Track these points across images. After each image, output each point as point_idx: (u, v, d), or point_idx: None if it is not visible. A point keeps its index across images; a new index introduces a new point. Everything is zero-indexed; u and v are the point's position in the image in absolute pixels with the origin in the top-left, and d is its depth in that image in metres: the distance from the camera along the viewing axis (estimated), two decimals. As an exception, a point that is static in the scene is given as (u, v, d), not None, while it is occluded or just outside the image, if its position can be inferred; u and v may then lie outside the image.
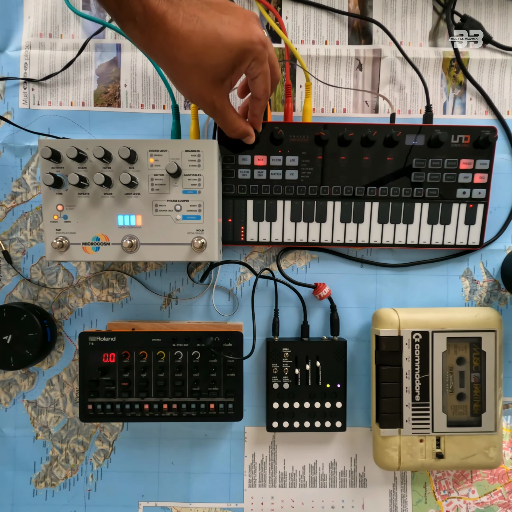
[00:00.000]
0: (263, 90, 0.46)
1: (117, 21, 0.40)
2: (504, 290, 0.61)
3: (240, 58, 0.41)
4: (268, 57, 0.44)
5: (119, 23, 0.40)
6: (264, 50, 0.42)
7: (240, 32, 0.40)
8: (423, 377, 0.56)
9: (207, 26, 0.39)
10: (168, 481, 0.61)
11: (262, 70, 0.44)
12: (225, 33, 0.40)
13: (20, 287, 0.60)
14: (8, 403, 0.61)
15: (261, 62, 0.43)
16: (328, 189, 0.57)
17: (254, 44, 0.41)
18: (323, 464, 0.61)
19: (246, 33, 0.40)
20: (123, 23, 0.39)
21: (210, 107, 0.45)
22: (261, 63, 0.43)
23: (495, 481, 0.61)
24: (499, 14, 0.61)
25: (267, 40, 0.43)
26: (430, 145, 0.56)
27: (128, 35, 0.40)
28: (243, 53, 0.41)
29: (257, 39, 0.41)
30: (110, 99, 0.60)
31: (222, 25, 0.40)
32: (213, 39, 0.40)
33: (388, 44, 0.60)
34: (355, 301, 0.61)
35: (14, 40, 0.60)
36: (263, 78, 0.45)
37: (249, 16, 0.42)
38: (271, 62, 0.45)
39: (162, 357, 0.55)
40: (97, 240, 0.50)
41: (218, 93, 0.44)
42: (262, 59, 0.43)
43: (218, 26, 0.40)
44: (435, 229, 0.58)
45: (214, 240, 0.50)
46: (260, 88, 0.46)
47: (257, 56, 0.42)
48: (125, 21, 0.39)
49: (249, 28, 0.41)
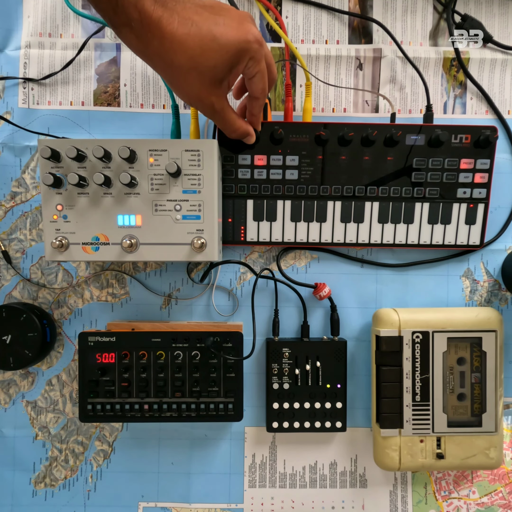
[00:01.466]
0: (261, 89, 0.46)
1: (113, 27, 0.39)
2: (504, 290, 0.61)
3: (237, 58, 0.41)
4: (264, 56, 0.44)
5: (114, 29, 0.39)
6: (260, 49, 0.42)
7: (235, 32, 0.40)
8: (424, 377, 0.56)
9: (202, 29, 0.39)
10: (168, 482, 0.61)
11: (259, 69, 0.44)
12: (220, 34, 0.40)
13: (20, 287, 0.60)
14: (8, 403, 0.60)
15: (258, 61, 0.43)
16: (328, 189, 0.57)
17: (250, 43, 0.41)
18: (323, 464, 0.61)
19: (242, 33, 0.40)
20: (118, 28, 0.39)
21: (209, 109, 0.45)
22: (258, 62, 0.43)
23: (495, 481, 0.61)
24: (500, 14, 0.61)
25: (263, 39, 0.43)
26: (431, 144, 0.56)
27: (124, 41, 0.40)
28: (239, 52, 0.41)
29: (252, 38, 0.41)
30: (110, 99, 0.60)
31: (217, 27, 0.40)
32: (209, 41, 0.40)
33: (388, 43, 0.60)
34: (355, 301, 0.61)
35: (14, 40, 0.59)
36: (261, 77, 0.45)
37: (243, 16, 0.42)
38: (267, 60, 0.46)
39: (162, 357, 0.55)
40: (96, 240, 0.50)
41: (216, 94, 0.44)
42: (259, 58, 0.43)
43: (213, 27, 0.40)
44: (436, 229, 0.58)
45: (214, 240, 0.50)
46: (258, 87, 0.46)
47: (254, 55, 0.42)
48: (121, 26, 0.39)
49: (244, 28, 0.41)
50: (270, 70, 0.47)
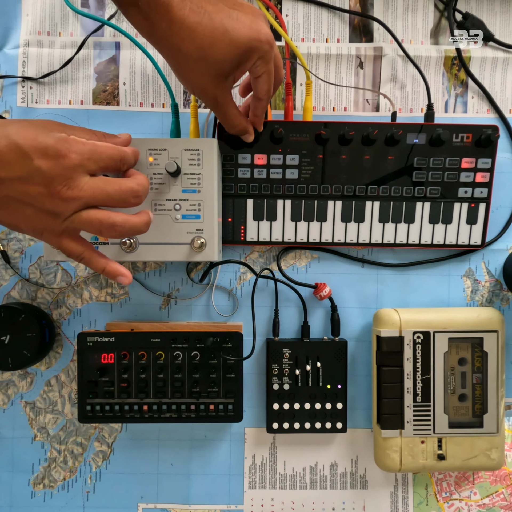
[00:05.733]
0: (266, 90, 0.46)
1: (120, 6, 0.39)
2: (506, 290, 0.61)
3: (246, 55, 0.41)
4: (273, 58, 0.44)
5: (122, 8, 0.39)
6: (271, 50, 0.42)
7: (248, 30, 0.40)
8: (425, 378, 0.56)
9: (215, 20, 0.39)
10: (167, 483, 0.60)
11: (266, 70, 0.43)
12: (233, 28, 0.39)
13: (18, 287, 0.60)
14: (6, 404, 0.60)
15: (266, 61, 0.42)
16: (328, 188, 0.57)
17: (261, 42, 0.40)
18: (323, 465, 0.61)
19: (254, 31, 0.40)
20: (126, 8, 0.39)
21: (212, 102, 0.45)
22: (266, 63, 0.43)
23: (497, 482, 0.61)
24: (501, 12, 0.60)
25: (274, 40, 0.43)
26: (432, 144, 0.55)
27: (131, 21, 0.40)
28: (249, 50, 0.40)
29: (264, 38, 0.40)
30: (109, 98, 0.60)
31: (230, 21, 0.39)
32: (221, 34, 0.39)
33: (389, 42, 0.60)
34: (356, 301, 0.61)
35: (12, 38, 0.59)
36: (267, 78, 0.44)
37: (257, 14, 0.41)
38: (275, 62, 0.45)
39: (162, 358, 0.55)
40: (95, 239, 0.49)
41: (221, 88, 0.43)
42: (268, 59, 0.42)
43: (226, 21, 0.39)
44: (437, 229, 0.58)
45: (214, 239, 0.50)
46: (263, 88, 0.45)
47: (263, 55, 0.42)
48: (128, 6, 0.38)
49: (257, 26, 0.40)
50: (277, 72, 0.47)
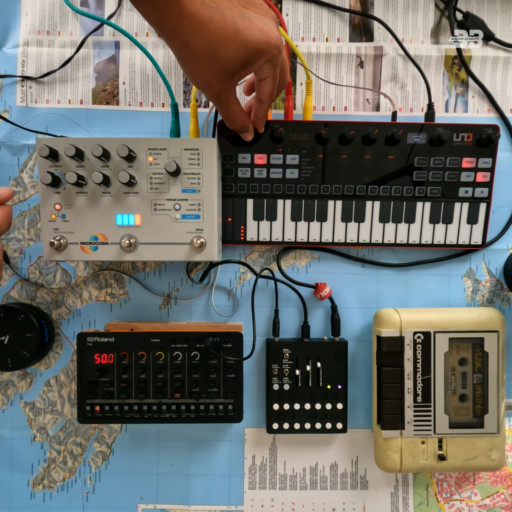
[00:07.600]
0: (268, 93, 0.46)
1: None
2: (506, 290, 0.61)
3: (255, 57, 0.41)
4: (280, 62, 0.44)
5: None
6: (279, 55, 0.42)
7: (258, 31, 0.40)
8: (425, 378, 0.55)
9: (227, 17, 0.38)
10: (167, 483, 0.60)
11: (272, 74, 0.43)
12: (244, 28, 0.39)
13: (18, 287, 0.60)
14: (6, 404, 0.60)
15: (273, 65, 0.42)
16: (329, 188, 0.56)
17: (270, 47, 0.40)
18: (324, 466, 0.61)
19: (265, 33, 0.40)
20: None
21: (216, 97, 0.45)
22: (273, 67, 0.43)
23: (497, 483, 0.61)
24: (502, 11, 0.60)
25: (283, 45, 0.43)
26: (432, 143, 0.55)
27: (140, 11, 0.39)
28: (258, 53, 0.40)
29: (274, 43, 0.40)
30: (109, 97, 0.60)
31: (243, 20, 0.39)
32: (231, 33, 0.39)
33: (389, 41, 0.59)
34: (356, 301, 0.61)
35: (12, 37, 0.59)
36: (271, 82, 0.44)
37: (269, 16, 0.41)
38: (282, 66, 0.45)
39: (161, 358, 0.54)
40: (95, 239, 0.49)
41: (226, 85, 0.43)
42: (275, 63, 0.42)
43: (238, 20, 0.39)
44: (437, 229, 0.58)
45: (214, 239, 0.49)
46: (266, 91, 0.45)
47: (271, 59, 0.41)
48: None
49: (268, 28, 0.40)
50: (283, 75, 0.46)
